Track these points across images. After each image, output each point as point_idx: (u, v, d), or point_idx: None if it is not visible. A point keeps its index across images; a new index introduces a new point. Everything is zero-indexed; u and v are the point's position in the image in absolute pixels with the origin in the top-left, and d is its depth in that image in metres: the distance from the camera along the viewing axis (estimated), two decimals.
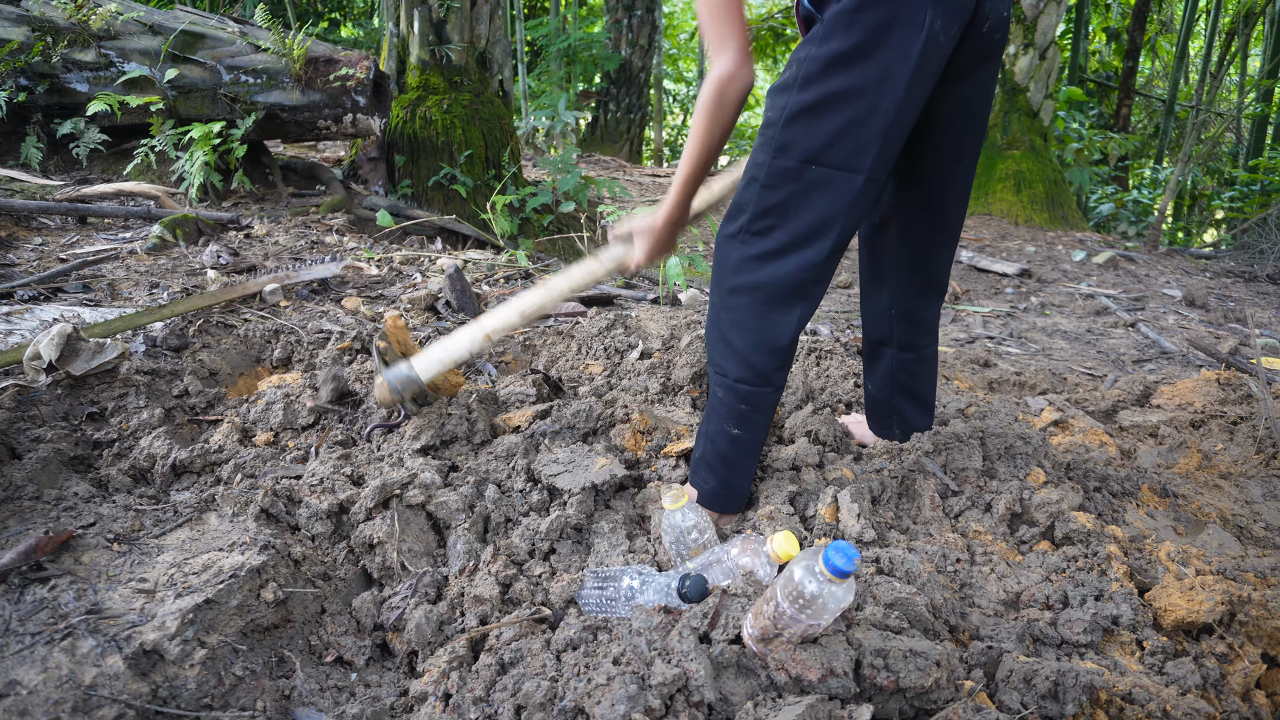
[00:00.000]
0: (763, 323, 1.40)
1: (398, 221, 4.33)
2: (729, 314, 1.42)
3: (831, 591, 1.02)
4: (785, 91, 1.28)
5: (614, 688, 1.03)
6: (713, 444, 1.54)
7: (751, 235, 1.36)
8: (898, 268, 1.63)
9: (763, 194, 1.33)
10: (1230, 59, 11.95)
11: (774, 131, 1.30)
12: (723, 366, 1.45)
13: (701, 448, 1.57)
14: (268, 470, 1.75)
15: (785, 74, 1.29)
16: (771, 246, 1.36)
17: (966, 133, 1.43)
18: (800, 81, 1.25)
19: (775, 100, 1.30)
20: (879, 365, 1.78)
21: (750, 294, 1.39)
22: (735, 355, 1.43)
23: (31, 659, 1.10)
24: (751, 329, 1.41)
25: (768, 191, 1.32)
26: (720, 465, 1.54)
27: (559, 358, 2.48)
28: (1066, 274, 5.95)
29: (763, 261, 1.37)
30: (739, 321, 1.41)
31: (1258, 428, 2.36)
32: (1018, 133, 8.36)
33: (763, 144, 1.33)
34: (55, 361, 1.83)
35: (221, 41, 4.23)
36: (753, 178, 1.34)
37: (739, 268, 1.39)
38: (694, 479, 1.60)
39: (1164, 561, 1.59)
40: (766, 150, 1.32)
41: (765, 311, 1.39)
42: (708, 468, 1.56)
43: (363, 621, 1.38)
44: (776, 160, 1.31)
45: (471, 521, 1.54)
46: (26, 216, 3.36)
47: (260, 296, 2.63)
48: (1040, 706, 1.14)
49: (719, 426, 1.51)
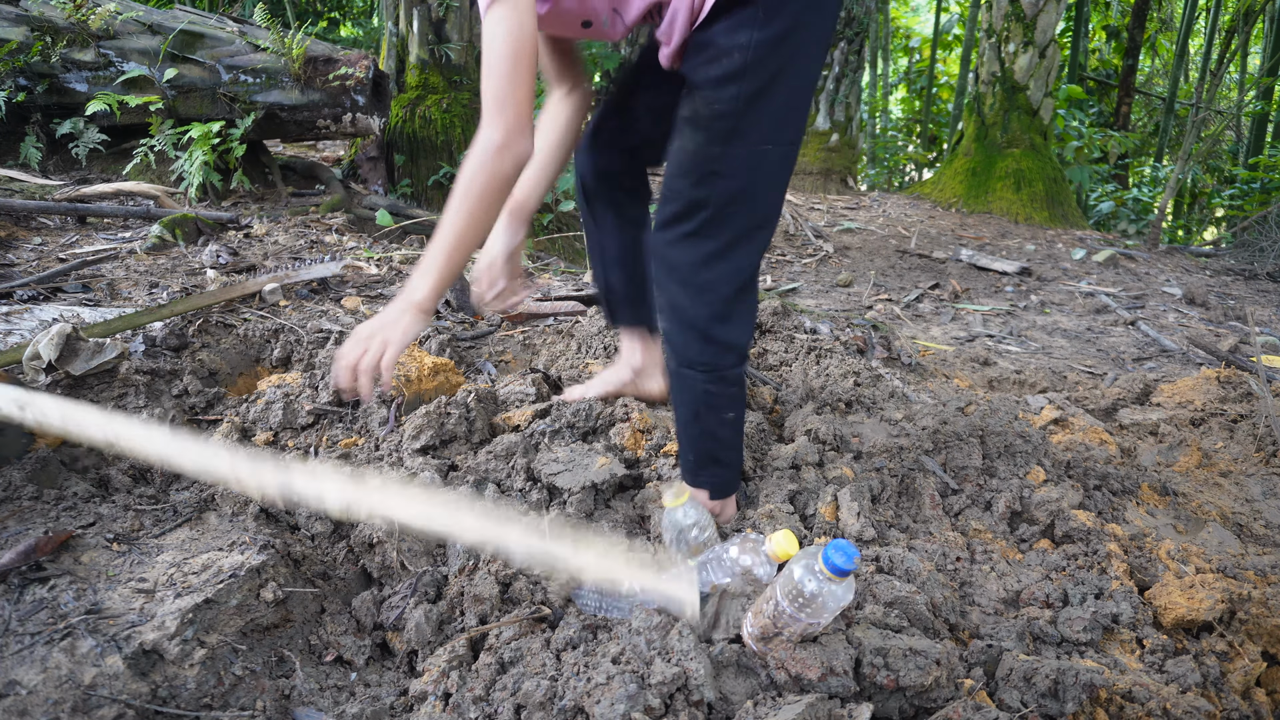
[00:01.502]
0: (743, 305, 1.42)
1: (397, 221, 4.33)
2: (708, 309, 1.40)
3: (831, 590, 1.02)
4: (734, 80, 1.26)
5: (614, 687, 1.03)
6: (713, 439, 1.52)
7: (715, 226, 1.35)
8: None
9: (724, 185, 1.32)
10: (1230, 57, 11.94)
11: (729, 121, 1.28)
12: (712, 362, 1.44)
13: (699, 448, 1.53)
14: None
15: (724, 63, 1.26)
16: (738, 232, 1.36)
17: None
18: (750, 68, 1.25)
19: (722, 91, 1.27)
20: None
21: (727, 284, 1.39)
22: (724, 347, 1.42)
23: (31, 659, 1.10)
24: (738, 315, 1.42)
25: (729, 181, 1.32)
26: (725, 453, 1.54)
27: (559, 356, 2.48)
28: (1066, 272, 5.94)
29: (732, 248, 1.37)
30: (723, 314, 1.40)
31: (1258, 426, 2.36)
32: (1017, 131, 8.36)
33: (713, 137, 1.30)
34: (54, 361, 1.83)
35: (221, 41, 4.23)
36: (710, 171, 1.32)
37: (707, 263, 1.37)
38: (698, 480, 1.56)
39: (1164, 560, 1.59)
40: (720, 142, 1.30)
41: (742, 295, 1.41)
42: (714, 463, 1.55)
43: (362, 621, 1.38)
44: (734, 149, 1.30)
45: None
46: (26, 216, 3.36)
47: (260, 296, 2.63)
48: (1040, 705, 1.14)
49: (716, 420, 1.49)
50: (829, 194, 8.71)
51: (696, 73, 1.30)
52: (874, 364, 2.62)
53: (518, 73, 1.18)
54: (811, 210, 7.57)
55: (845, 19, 8.73)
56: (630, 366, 1.94)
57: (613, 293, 1.88)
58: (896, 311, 4.60)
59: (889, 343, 2.86)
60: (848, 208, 8.00)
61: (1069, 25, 11.15)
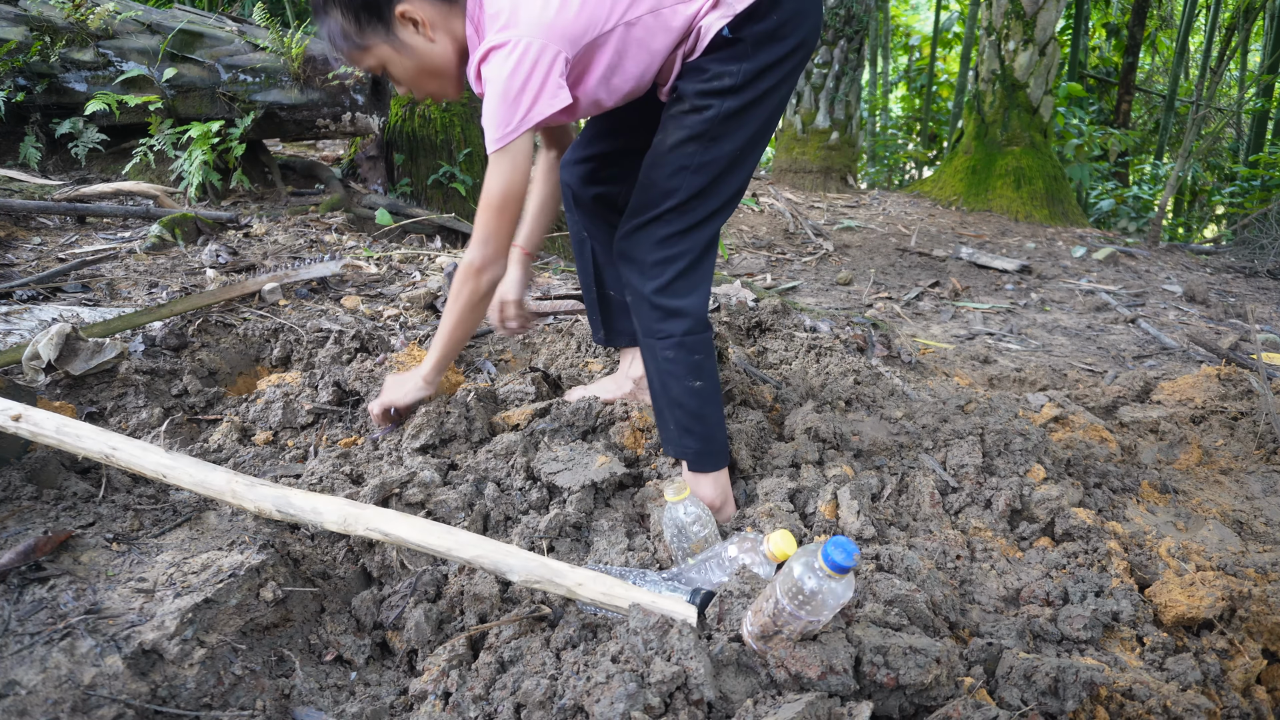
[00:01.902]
0: (696, 275, 1.56)
1: (397, 220, 4.33)
2: (660, 280, 1.52)
3: (831, 587, 1.02)
4: (722, 95, 1.45)
5: (613, 686, 1.03)
6: (680, 408, 1.58)
7: (676, 214, 1.50)
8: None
9: (693, 180, 1.49)
10: (1230, 54, 11.93)
11: (710, 126, 1.46)
12: (663, 329, 1.54)
13: (669, 419, 1.60)
14: (267, 469, 1.75)
15: (716, 82, 1.45)
16: (694, 220, 1.52)
17: None
18: (737, 89, 1.45)
19: (710, 100, 1.45)
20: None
21: (681, 260, 1.52)
22: (676, 314, 1.53)
23: (30, 659, 1.10)
24: (690, 285, 1.55)
25: (697, 178, 1.48)
26: (695, 423, 1.58)
27: (558, 355, 2.48)
28: (1067, 270, 5.94)
29: (685, 234, 1.52)
30: (675, 285, 1.53)
31: (1258, 423, 2.36)
32: (1017, 129, 8.35)
33: (693, 136, 1.47)
34: (54, 361, 1.83)
35: (220, 40, 4.22)
36: (682, 166, 1.48)
37: (664, 243, 1.51)
38: (674, 450, 1.64)
39: (1164, 557, 1.59)
40: (697, 141, 1.47)
41: (695, 266, 1.55)
42: (684, 432, 1.59)
43: (362, 620, 1.38)
44: (709, 151, 1.47)
45: (471, 520, 1.54)
46: (25, 216, 3.36)
47: (259, 295, 2.63)
48: (1040, 703, 1.14)
49: (680, 388, 1.56)
50: (829, 192, 8.70)
51: (690, 85, 1.48)
52: (874, 362, 2.62)
53: (504, 215, 1.46)
54: (811, 208, 7.57)
55: (845, 17, 8.72)
56: (631, 379, 1.97)
57: (608, 308, 1.95)
58: (896, 309, 4.60)
59: (889, 341, 2.86)
60: (848, 206, 8.00)
61: (1069, 23, 11.14)
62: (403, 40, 1.44)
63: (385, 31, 1.42)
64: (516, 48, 1.32)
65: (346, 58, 1.48)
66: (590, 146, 1.79)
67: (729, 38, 1.43)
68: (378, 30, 1.42)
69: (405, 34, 1.43)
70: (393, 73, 1.50)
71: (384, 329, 2.50)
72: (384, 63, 1.47)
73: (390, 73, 1.50)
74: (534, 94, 1.33)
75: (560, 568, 1.23)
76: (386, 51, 1.45)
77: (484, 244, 1.49)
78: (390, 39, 1.43)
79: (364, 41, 1.44)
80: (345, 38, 1.44)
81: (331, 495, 1.51)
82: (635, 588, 1.21)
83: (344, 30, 1.43)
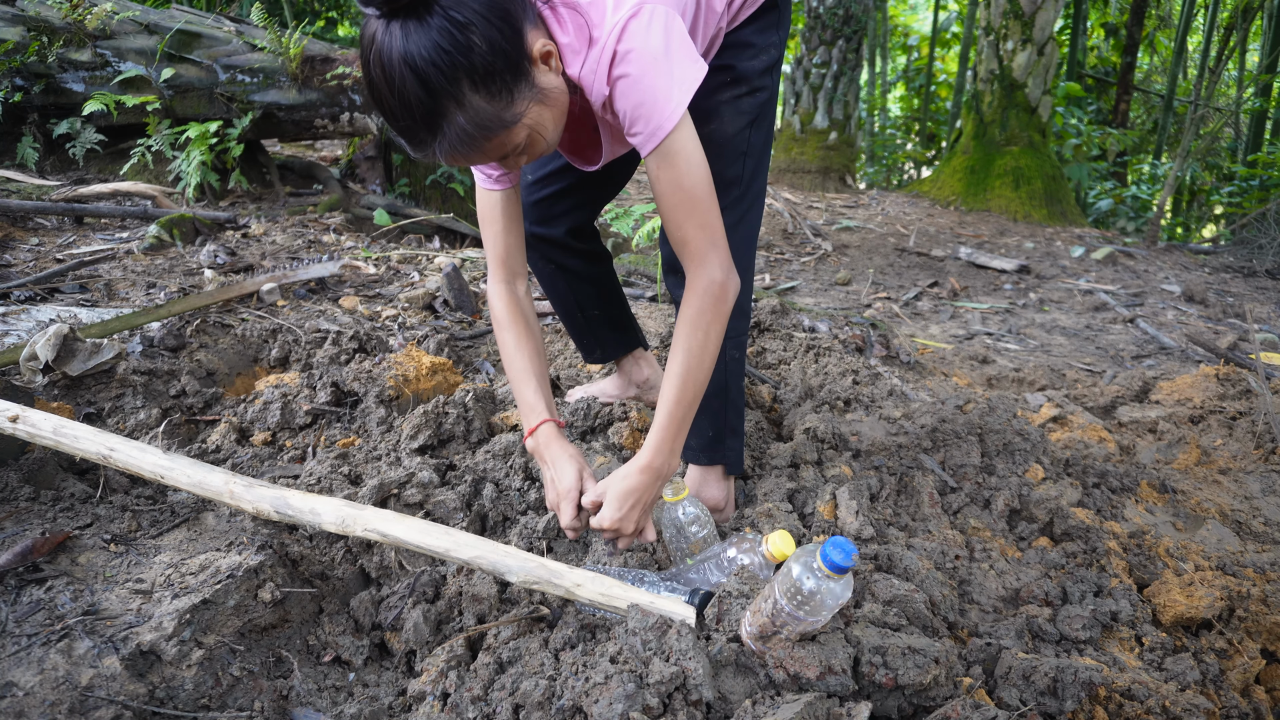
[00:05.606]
0: (752, 268, 1.51)
1: (395, 220, 4.32)
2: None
3: (829, 588, 1.02)
4: (771, 71, 1.41)
5: (612, 686, 1.03)
6: (735, 408, 1.56)
7: (739, 201, 1.44)
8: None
9: (750, 163, 1.44)
10: (1229, 54, 11.94)
11: (761, 109, 1.42)
12: (735, 327, 1.48)
13: (721, 422, 1.56)
14: (265, 470, 1.75)
15: (764, 57, 1.40)
16: (752, 201, 1.48)
17: None
18: (775, 64, 1.42)
19: (766, 80, 1.41)
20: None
21: (745, 250, 1.46)
22: (740, 312, 1.46)
23: (28, 660, 1.10)
24: (747, 280, 1.49)
25: (752, 160, 1.44)
26: (740, 422, 1.58)
27: (557, 356, 2.48)
28: (1065, 270, 5.94)
29: (745, 218, 1.47)
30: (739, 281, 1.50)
31: (1257, 423, 2.36)
32: (1016, 129, 8.36)
33: (749, 120, 1.41)
34: (52, 362, 1.83)
35: (218, 40, 4.22)
36: (741, 152, 1.42)
37: (730, 231, 1.43)
38: (717, 456, 1.58)
39: (1163, 557, 1.59)
40: (751, 125, 1.41)
41: (752, 259, 1.52)
42: (731, 433, 1.57)
43: (360, 621, 1.38)
44: (759, 131, 1.43)
45: (469, 520, 1.54)
46: (23, 217, 3.36)
47: (257, 296, 2.63)
48: (1039, 703, 1.14)
49: (738, 387, 1.55)
50: (827, 192, 8.71)
51: (748, 65, 1.39)
52: (872, 362, 2.62)
53: (716, 201, 1.22)
54: (810, 208, 7.57)
55: (843, 17, 8.73)
56: (634, 383, 1.97)
57: (596, 327, 1.87)
58: (895, 309, 4.60)
59: (887, 341, 2.86)
60: (846, 206, 8.00)
61: (1067, 22, 11.15)
62: (543, 87, 1.09)
63: (528, 86, 1.07)
64: (655, 13, 1.09)
65: (487, 150, 1.08)
66: (546, 186, 1.62)
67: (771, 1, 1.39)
68: (521, 89, 1.06)
69: (545, 77, 1.10)
70: (545, 137, 1.13)
71: (382, 329, 2.49)
72: (535, 127, 1.10)
73: (537, 138, 1.12)
74: (692, 53, 1.13)
75: (559, 568, 1.22)
76: (537, 112, 1.10)
77: (712, 250, 1.19)
78: (534, 92, 1.08)
79: (515, 113, 1.07)
80: (484, 127, 1.04)
81: (330, 496, 1.51)
82: (634, 588, 1.21)
83: (480, 119, 1.04)
